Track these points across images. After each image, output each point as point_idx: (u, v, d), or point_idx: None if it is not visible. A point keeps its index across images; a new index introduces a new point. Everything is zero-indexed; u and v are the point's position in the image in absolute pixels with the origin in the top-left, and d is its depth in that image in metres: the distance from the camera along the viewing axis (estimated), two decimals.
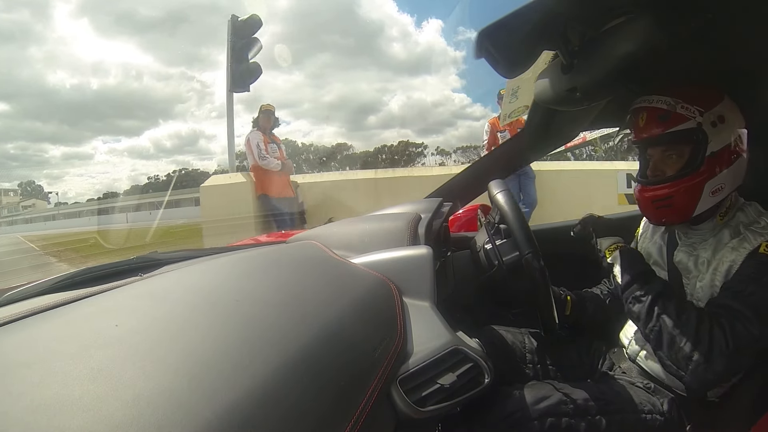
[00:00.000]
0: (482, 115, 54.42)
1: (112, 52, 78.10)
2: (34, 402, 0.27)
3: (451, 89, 59.68)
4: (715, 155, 0.72)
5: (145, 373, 0.31)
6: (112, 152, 62.58)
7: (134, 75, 71.68)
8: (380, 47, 70.33)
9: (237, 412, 0.30)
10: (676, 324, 0.68)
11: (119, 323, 0.39)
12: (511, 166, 1.43)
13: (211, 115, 61.87)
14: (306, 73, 67.84)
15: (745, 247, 0.70)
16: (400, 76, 68.85)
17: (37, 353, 0.33)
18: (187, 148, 58.85)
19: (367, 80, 67.55)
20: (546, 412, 0.72)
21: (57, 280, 0.54)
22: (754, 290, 0.66)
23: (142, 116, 62.97)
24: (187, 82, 71.03)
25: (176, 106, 68.61)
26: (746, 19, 0.63)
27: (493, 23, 0.61)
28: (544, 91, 0.75)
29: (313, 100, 64.67)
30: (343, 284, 0.62)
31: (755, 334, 0.64)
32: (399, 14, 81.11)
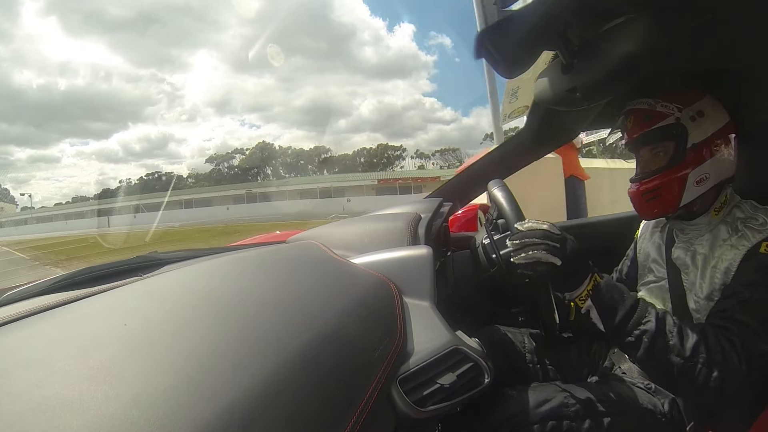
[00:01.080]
0: (452, 118, 54.62)
1: (81, 52, 77.21)
2: (34, 402, 0.27)
3: (422, 93, 59.85)
4: (697, 147, 0.75)
5: (144, 373, 0.31)
6: (79, 155, 62.19)
7: (103, 76, 71.08)
8: (351, 51, 70.46)
9: (237, 412, 0.30)
10: (682, 357, 0.63)
11: (119, 323, 0.39)
12: (511, 166, 1.43)
13: (181, 119, 61.55)
14: (277, 77, 67.83)
15: (744, 245, 0.70)
16: (371, 80, 68.99)
17: (36, 353, 0.33)
18: (157, 151, 58.62)
19: (337, 84, 67.48)
20: (547, 415, 0.72)
21: (57, 280, 0.54)
22: (759, 297, 0.65)
23: (111, 119, 62.70)
24: (157, 84, 70.51)
25: (146, 108, 68.28)
26: (746, 19, 0.63)
27: (493, 23, 0.60)
28: (544, 91, 0.75)
29: (284, 103, 64.64)
30: (343, 284, 0.62)
31: (765, 349, 0.63)
32: (371, 18, 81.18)
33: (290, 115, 54.44)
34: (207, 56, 63.00)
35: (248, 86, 59.13)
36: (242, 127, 61.01)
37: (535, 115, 1.19)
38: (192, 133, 59.58)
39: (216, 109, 59.59)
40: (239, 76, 62.27)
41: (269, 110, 53.87)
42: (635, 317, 0.65)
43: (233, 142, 56.83)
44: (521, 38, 0.63)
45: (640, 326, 0.65)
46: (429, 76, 59.42)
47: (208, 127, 61.11)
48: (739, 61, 0.77)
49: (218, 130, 58.54)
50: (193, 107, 58.14)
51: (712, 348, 0.62)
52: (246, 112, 58.49)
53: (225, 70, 63.13)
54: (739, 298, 0.67)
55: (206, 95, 60.96)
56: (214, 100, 59.71)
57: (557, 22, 0.62)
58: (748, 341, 0.63)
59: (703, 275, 0.76)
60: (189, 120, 57.72)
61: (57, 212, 29.38)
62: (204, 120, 59.38)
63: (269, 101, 56.74)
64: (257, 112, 54.89)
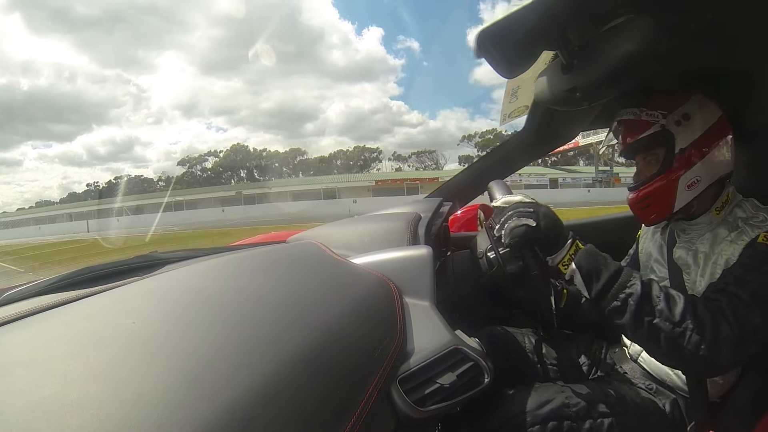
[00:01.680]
0: (419, 122, 54.68)
1: (45, 50, 75.47)
2: (34, 402, 0.27)
3: (389, 97, 59.82)
4: (685, 151, 0.76)
5: (144, 373, 0.31)
6: (42, 158, 61.17)
7: (67, 76, 69.53)
8: (320, 54, 70.06)
9: (237, 412, 0.30)
10: (671, 322, 0.61)
11: (119, 323, 0.39)
12: (511, 166, 1.43)
13: (147, 121, 60.73)
14: (244, 80, 67.30)
15: (743, 239, 0.70)
16: (339, 83, 68.75)
17: (36, 353, 0.33)
18: (122, 155, 57.86)
19: (305, 87, 67.07)
20: (548, 416, 0.72)
21: (57, 279, 0.54)
22: (754, 278, 0.65)
23: (75, 120, 61.61)
24: (123, 86, 69.28)
25: (111, 110, 67.11)
26: (746, 19, 0.63)
27: (493, 23, 0.60)
28: (544, 91, 0.75)
29: (251, 107, 64.19)
30: (343, 284, 0.62)
31: (756, 322, 0.61)
32: (340, 21, 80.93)
33: (257, 118, 54.09)
34: (174, 58, 62.40)
35: (216, 89, 58.64)
36: (209, 130, 60.65)
37: (535, 115, 1.19)
38: (158, 136, 58.96)
39: (183, 112, 58.96)
40: (206, 78, 61.92)
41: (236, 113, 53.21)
42: (620, 280, 0.64)
43: (200, 145, 56.28)
44: (521, 38, 0.63)
45: (625, 289, 0.63)
46: (396, 80, 59.42)
47: (175, 131, 60.57)
48: (739, 61, 0.77)
49: (185, 134, 58.01)
50: (159, 110, 57.51)
51: (700, 315, 0.61)
52: (213, 115, 58.02)
53: (192, 72, 62.61)
54: (735, 275, 0.67)
55: (173, 97, 60.37)
56: (180, 103, 58.96)
57: (557, 22, 0.62)
58: (739, 312, 0.61)
59: (703, 274, 0.76)
60: (155, 123, 57.10)
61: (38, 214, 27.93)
62: (170, 123, 58.81)
63: (237, 104, 56.13)
64: (224, 115, 54.65)
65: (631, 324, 0.63)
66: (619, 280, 0.64)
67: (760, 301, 0.62)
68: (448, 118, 58.95)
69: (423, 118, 57.39)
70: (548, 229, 0.67)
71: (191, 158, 45.72)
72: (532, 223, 0.66)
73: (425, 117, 57.74)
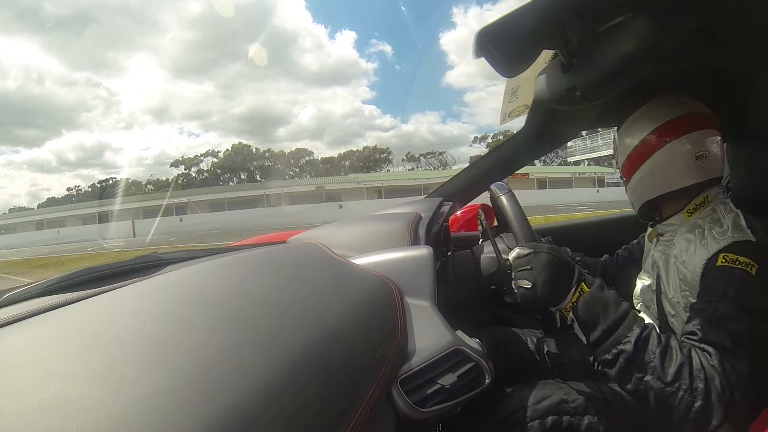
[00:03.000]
0: (391, 126, 54.49)
1: (12, 51, 73.24)
2: (34, 402, 0.27)
3: (361, 101, 59.54)
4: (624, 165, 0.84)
5: (145, 374, 0.31)
6: (9, 164, 60.08)
7: (36, 78, 67.78)
8: (292, 58, 69.49)
9: (238, 412, 0.30)
10: (662, 381, 0.59)
11: (119, 324, 0.39)
12: (511, 166, 1.43)
13: (118, 126, 59.85)
14: (216, 84, 66.74)
15: (703, 257, 0.69)
16: (311, 87, 68.33)
17: (37, 354, 0.33)
18: (92, 161, 56.94)
19: (277, 91, 66.47)
20: (547, 411, 0.72)
21: (57, 280, 0.54)
22: (724, 311, 0.63)
23: (44, 125, 60.51)
24: (93, 89, 67.86)
25: (81, 114, 65.71)
26: (746, 19, 0.63)
27: (493, 23, 0.60)
28: (544, 91, 0.75)
29: (223, 111, 63.62)
30: (344, 284, 0.62)
31: (743, 370, 0.60)
32: (313, 25, 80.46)
33: (229, 123, 53.50)
34: (145, 60, 61.58)
35: (187, 93, 57.87)
36: (181, 135, 60.00)
37: (535, 114, 1.19)
38: (129, 141, 58.05)
39: (154, 117, 58.06)
40: (178, 82, 61.29)
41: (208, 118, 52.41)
42: (616, 335, 0.62)
43: (172, 150, 55.41)
44: (521, 37, 0.63)
45: (618, 345, 0.61)
46: (369, 84, 59.03)
47: (146, 136, 59.85)
48: (739, 61, 0.77)
49: (156, 139, 57.32)
50: (130, 114, 56.52)
51: (695, 374, 0.59)
52: (185, 120, 57.31)
53: (164, 76, 61.82)
54: (705, 315, 0.64)
55: (144, 102, 59.57)
56: (152, 107, 57.98)
57: (557, 21, 0.62)
58: (727, 364, 0.59)
59: (672, 281, 0.77)
60: (126, 128, 56.19)
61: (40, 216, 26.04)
62: (142, 128, 58.02)
63: (208, 109, 55.25)
64: (196, 120, 54.08)
65: (618, 379, 0.64)
66: (615, 335, 0.62)
67: (741, 346, 0.61)
68: (419, 122, 59.02)
69: (395, 122, 57.37)
70: (546, 286, 0.64)
71: (186, 159, 43.96)
72: (527, 284, 0.64)
73: (397, 121, 57.65)
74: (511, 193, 0.87)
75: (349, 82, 60.53)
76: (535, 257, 0.65)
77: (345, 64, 60.75)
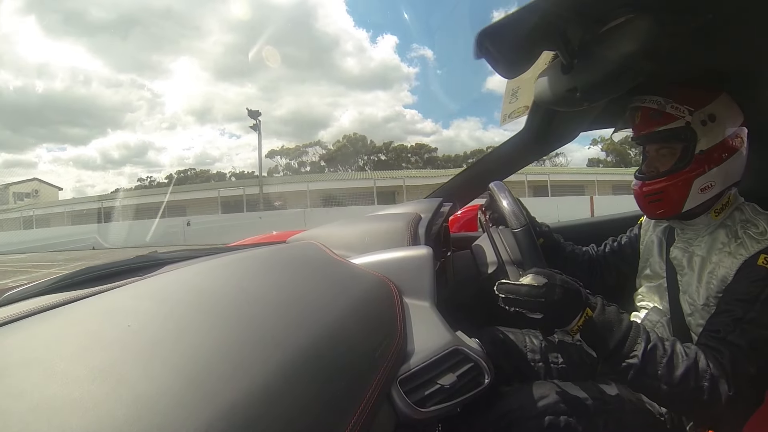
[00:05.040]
0: (432, 130, 54.03)
1: (60, 54, 71.78)
2: (34, 402, 0.27)
3: (402, 105, 58.97)
4: (704, 153, 0.74)
5: (145, 373, 0.31)
6: (56, 161, 60.01)
7: (82, 80, 67.00)
8: (334, 61, 68.33)
9: (237, 412, 0.30)
10: (670, 385, 0.62)
11: (119, 323, 0.39)
12: (511, 166, 1.43)
13: (161, 126, 59.59)
14: (258, 86, 65.94)
15: (742, 254, 0.69)
16: (353, 90, 67.34)
17: (37, 353, 0.33)
18: (136, 159, 56.88)
19: (319, 95, 65.47)
20: (544, 410, 0.72)
21: (57, 280, 0.54)
22: (752, 316, 0.64)
23: (90, 124, 60.32)
24: (137, 91, 67.16)
25: (126, 115, 65.09)
26: (746, 19, 0.63)
27: (493, 24, 0.61)
28: (544, 92, 0.75)
29: (265, 113, 62.86)
30: (343, 284, 0.62)
31: (752, 372, 0.62)
32: (354, 29, 78.97)
33: (270, 125, 53.25)
34: (188, 63, 61.62)
35: (229, 95, 57.64)
36: (222, 136, 59.91)
37: (535, 115, 1.19)
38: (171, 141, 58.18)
39: (196, 118, 57.97)
40: (220, 84, 61.17)
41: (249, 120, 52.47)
42: (623, 351, 0.63)
43: (213, 151, 55.43)
44: (521, 38, 0.63)
45: (626, 360, 0.63)
46: (410, 88, 58.42)
47: (188, 136, 59.85)
48: (740, 61, 0.77)
49: (198, 139, 57.34)
50: (173, 115, 56.36)
51: (701, 374, 0.61)
52: (226, 122, 57.23)
53: (206, 78, 61.68)
54: (733, 316, 0.66)
55: (187, 103, 59.56)
56: (194, 108, 57.85)
57: (557, 22, 0.62)
58: (737, 365, 0.62)
59: (699, 280, 0.75)
60: (169, 128, 56.15)
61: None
62: (184, 128, 57.99)
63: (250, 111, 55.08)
64: (237, 121, 53.92)
65: (630, 386, 0.66)
66: (622, 352, 0.63)
67: (758, 350, 0.63)
68: (461, 127, 58.30)
69: (436, 127, 56.77)
70: (555, 316, 0.64)
71: (286, 150, 38.96)
72: (538, 316, 0.64)
73: (438, 126, 57.08)
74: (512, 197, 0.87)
75: (390, 86, 59.82)
76: (549, 291, 0.63)
77: (387, 68, 60.04)
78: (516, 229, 0.81)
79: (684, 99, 0.74)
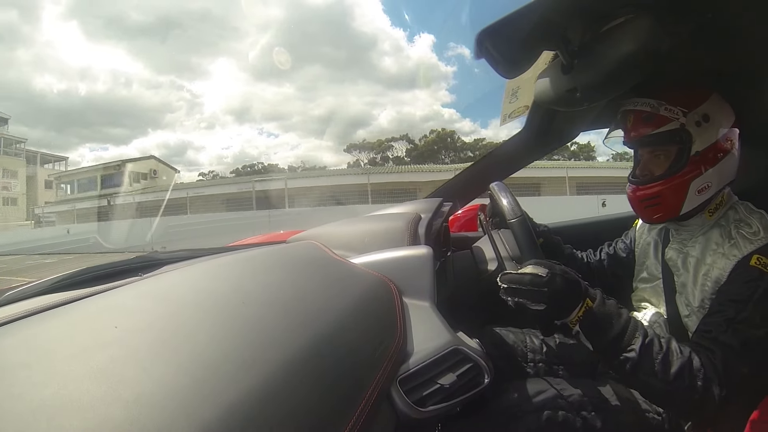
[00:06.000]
0: (471, 130, 53.53)
1: (101, 57, 72.17)
2: (34, 402, 0.27)
3: (441, 104, 58.12)
4: (700, 154, 0.73)
5: (145, 373, 0.31)
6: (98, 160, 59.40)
7: (123, 82, 67.13)
8: (371, 61, 67.51)
9: (237, 412, 0.30)
10: (665, 381, 0.62)
11: (119, 323, 0.39)
12: (511, 166, 1.43)
13: (200, 126, 59.49)
14: (296, 86, 65.29)
15: (735, 255, 0.69)
16: (391, 90, 66.33)
17: (37, 353, 0.33)
18: (175, 158, 56.70)
19: (357, 94, 64.60)
20: (542, 405, 0.72)
21: (57, 279, 0.54)
22: (744, 316, 0.65)
23: (131, 125, 60.41)
24: (176, 92, 67.12)
25: (165, 115, 64.94)
26: (746, 19, 0.63)
27: (493, 24, 0.61)
28: (544, 92, 0.75)
29: (303, 113, 62.32)
30: (343, 284, 0.62)
31: (743, 372, 0.63)
32: (392, 28, 77.86)
33: (308, 124, 52.89)
34: (227, 64, 61.68)
35: (267, 95, 57.49)
36: (260, 135, 59.81)
37: (535, 115, 1.20)
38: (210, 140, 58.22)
39: (235, 117, 57.87)
40: (258, 84, 60.96)
41: (288, 119, 51.72)
42: (621, 344, 0.64)
43: (251, 150, 55.32)
44: (521, 38, 0.63)
45: (624, 353, 0.63)
46: (448, 87, 57.93)
47: (227, 135, 59.85)
48: (739, 61, 0.77)
49: (237, 139, 57.32)
50: (212, 115, 56.38)
51: (695, 374, 0.62)
52: (264, 121, 57.02)
53: (244, 78, 61.53)
54: (725, 317, 0.66)
55: (225, 103, 59.67)
56: (233, 108, 57.78)
57: (557, 22, 0.62)
58: (729, 365, 0.62)
59: (695, 281, 0.75)
60: (208, 128, 56.26)
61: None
62: (222, 128, 57.92)
63: (288, 110, 54.64)
64: (276, 121, 53.59)
65: (626, 380, 0.68)
66: (621, 344, 0.64)
67: (750, 349, 0.63)
68: (498, 128, 57.86)
69: (474, 126, 56.20)
70: (557, 306, 0.64)
71: (368, 144, 33.99)
72: (541, 307, 0.64)
73: (476, 125, 56.55)
74: (512, 197, 0.87)
75: (428, 85, 59.21)
76: (551, 280, 0.63)
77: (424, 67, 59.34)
78: (511, 220, 0.81)
79: (677, 100, 0.73)
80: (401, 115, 53.07)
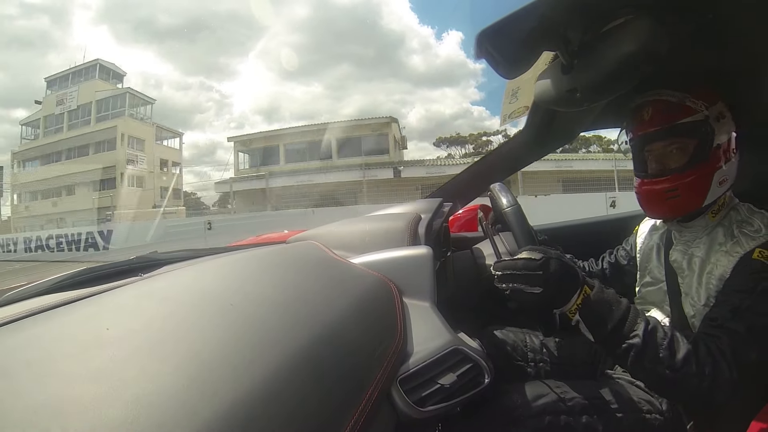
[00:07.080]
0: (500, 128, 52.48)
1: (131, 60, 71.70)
2: (35, 402, 0.27)
3: (470, 102, 57.19)
4: (720, 147, 0.75)
5: (145, 373, 0.31)
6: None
7: (153, 84, 66.29)
8: (400, 59, 66.00)
9: (237, 412, 0.30)
10: (672, 369, 0.61)
11: (120, 323, 0.39)
12: (511, 167, 1.43)
13: (230, 126, 58.93)
14: (325, 85, 64.16)
15: (738, 251, 0.70)
16: (419, 88, 64.73)
17: (37, 353, 0.33)
18: (205, 158, 56.06)
19: (386, 92, 63.38)
20: (544, 409, 0.72)
21: (57, 280, 0.54)
22: (749, 305, 0.65)
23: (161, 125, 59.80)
24: (206, 92, 66.35)
25: (195, 116, 64.06)
26: (746, 19, 0.63)
27: (493, 24, 0.61)
28: (545, 92, 0.75)
29: (332, 111, 61.27)
30: (344, 284, 0.62)
31: (752, 358, 0.62)
32: (420, 26, 76.21)
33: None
34: (255, 63, 61.49)
35: (296, 94, 57.08)
36: None
37: (535, 115, 1.20)
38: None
39: (264, 117, 57.44)
40: (287, 83, 60.38)
41: (317, 118, 51.21)
42: (623, 332, 0.63)
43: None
44: (521, 39, 0.63)
45: (627, 340, 0.63)
46: (477, 85, 57.34)
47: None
48: (739, 61, 0.77)
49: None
50: (241, 115, 55.94)
51: (702, 359, 0.61)
52: (294, 120, 56.41)
53: (273, 78, 61.06)
54: (731, 306, 0.66)
55: (254, 103, 59.43)
56: (261, 108, 57.36)
57: (557, 22, 0.62)
58: (737, 351, 0.62)
59: (699, 280, 0.76)
60: (237, 127, 55.98)
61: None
62: (252, 127, 57.49)
63: (317, 109, 54.13)
64: (305, 120, 53.19)
65: (632, 369, 0.66)
66: (623, 331, 0.63)
67: (756, 335, 0.63)
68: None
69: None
70: (554, 291, 0.64)
71: (460, 137, 32.38)
72: (537, 290, 0.63)
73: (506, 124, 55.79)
74: (511, 194, 0.87)
75: (457, 83, 58.54)
76: (546, 263, 0.63)
77: (453, 65, 58.68)
78: (506, 209, 0.82)
79: (699, 95, 0.75)
80: (430, 113, 52.49)
